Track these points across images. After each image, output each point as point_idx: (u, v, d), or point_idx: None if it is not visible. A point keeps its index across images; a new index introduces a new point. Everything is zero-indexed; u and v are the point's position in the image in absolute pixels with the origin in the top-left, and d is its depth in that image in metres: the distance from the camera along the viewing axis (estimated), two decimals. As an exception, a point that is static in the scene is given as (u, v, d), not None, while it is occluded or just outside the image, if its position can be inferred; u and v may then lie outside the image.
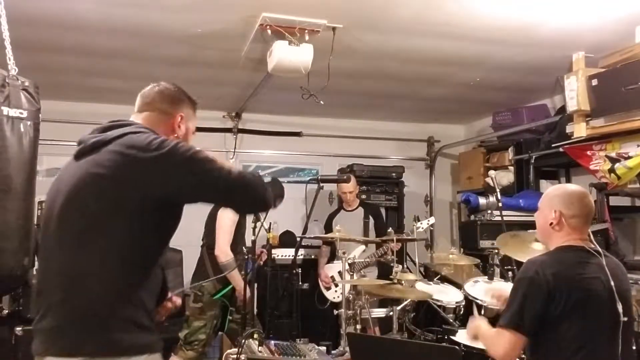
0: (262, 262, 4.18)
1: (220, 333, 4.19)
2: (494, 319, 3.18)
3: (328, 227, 4.79)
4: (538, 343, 2.00)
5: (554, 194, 2.17)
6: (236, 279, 3.73)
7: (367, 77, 4.71)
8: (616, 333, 1.94)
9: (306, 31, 3.43)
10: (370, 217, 4.84)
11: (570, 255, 2.04)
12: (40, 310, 1.59)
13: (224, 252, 3.77)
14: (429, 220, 4.23)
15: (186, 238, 3.96)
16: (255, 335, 2.63)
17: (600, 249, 2.09)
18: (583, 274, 1.97)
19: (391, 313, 3.30)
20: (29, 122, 2.46)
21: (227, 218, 3.82)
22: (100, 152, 1.61)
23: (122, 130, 1.66)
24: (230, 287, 3.82)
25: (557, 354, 1.95)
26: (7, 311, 3.08)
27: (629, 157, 3.58)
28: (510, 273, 3.40)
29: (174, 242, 1.83)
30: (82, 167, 1.62)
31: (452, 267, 3.88)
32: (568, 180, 5.09)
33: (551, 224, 2.10)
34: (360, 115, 6.27)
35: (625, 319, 1.95)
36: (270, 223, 5.22)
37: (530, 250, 2.85)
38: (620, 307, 1.95)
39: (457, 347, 2.52)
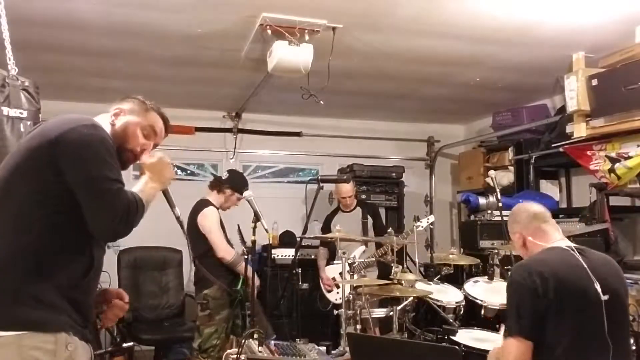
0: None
1: None
2: (494, 318, 3.20)
3: (326, 229, 4.78)
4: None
5: (509, 221, 2.34)
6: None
7: (367, 77, 4.71)
8: (600, 314, 1.99)
9: (306, 31, 3.43)
10: (369, 217, 4.83)
11: (553, 254, 2.13)
12: None
13: (226, 250, 3.80)
14: (428, 219, 4.23)
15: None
16: (256, 335, 2.63)
17: (574, 245, 2.16)
18: (566, 270, 2.04)
19: (391, 313, 3.29)
20: (29, 122, 2.46)
21: (210, 221, 3.87)
22: None
23: None
24: (241, 280, 3.79)
25: (548, 348, 1.99)
26: None
27: (629, 157, 3.59)
28: (510, 273, 3.40)
29: (174, 242, 1.84)
30: None
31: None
32: (568, 180, 5.11)
33: (522, 245, 2.25)
34: (360, 115, 6.27)
35: (606, 297, 2.01)
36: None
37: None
38: (598, 287, 2.00)
39: (457, 347, 2.52)
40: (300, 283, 4.31)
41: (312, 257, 5.18)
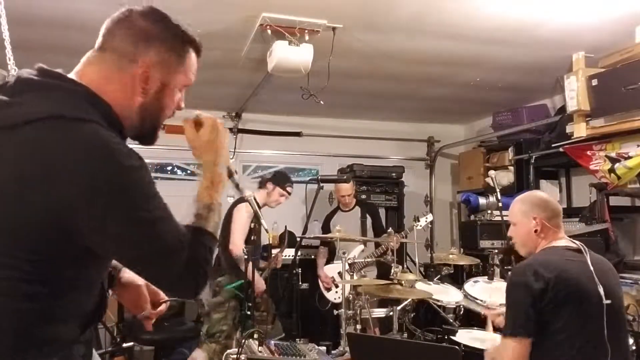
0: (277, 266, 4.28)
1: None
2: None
3: (326, 228, 4.79)
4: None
5: (525, 204, 2.28)
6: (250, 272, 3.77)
7: (367, 77, 4.72)
8: (601, 317, 1.99)
9: (306, 31, 3.44)
10: (368, 216, 4.84)
11: (555, 254, 2.12)
12: None
13: (235, 244, 3.90)
14: (426, 218, 4.24)
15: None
16: (256, 335, 2.63)
17: (582, 246, 2.15)
18: (569, 271, 2.03)
19: (391, 313, 3.30)
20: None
21: (240, 215, 3.97)
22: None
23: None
24: (239, 282, 3.84)
25: (551, 348, 1.99)
26: None
27: (629, 157, 3.59)
28: (510, 273, 3.40)
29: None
30: None
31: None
32: (568, 180, 5.11)
33: (536, 231, 2.19)
34: (360, 115, 6.28)
35: (609, 301, 2.00)
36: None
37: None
38: (601, 290, 2.00)
39: (457, 347, 2.52)
40: (300, 283, 4.32)
41: (312, 257, 5.18)
